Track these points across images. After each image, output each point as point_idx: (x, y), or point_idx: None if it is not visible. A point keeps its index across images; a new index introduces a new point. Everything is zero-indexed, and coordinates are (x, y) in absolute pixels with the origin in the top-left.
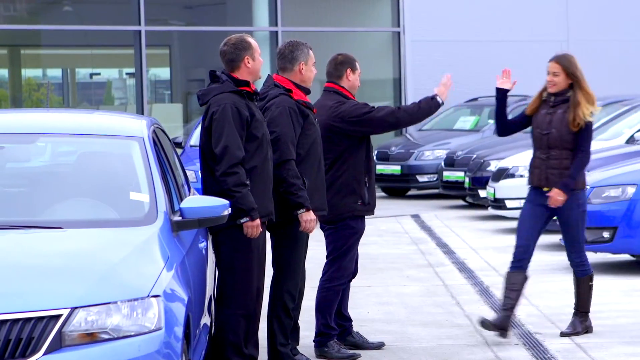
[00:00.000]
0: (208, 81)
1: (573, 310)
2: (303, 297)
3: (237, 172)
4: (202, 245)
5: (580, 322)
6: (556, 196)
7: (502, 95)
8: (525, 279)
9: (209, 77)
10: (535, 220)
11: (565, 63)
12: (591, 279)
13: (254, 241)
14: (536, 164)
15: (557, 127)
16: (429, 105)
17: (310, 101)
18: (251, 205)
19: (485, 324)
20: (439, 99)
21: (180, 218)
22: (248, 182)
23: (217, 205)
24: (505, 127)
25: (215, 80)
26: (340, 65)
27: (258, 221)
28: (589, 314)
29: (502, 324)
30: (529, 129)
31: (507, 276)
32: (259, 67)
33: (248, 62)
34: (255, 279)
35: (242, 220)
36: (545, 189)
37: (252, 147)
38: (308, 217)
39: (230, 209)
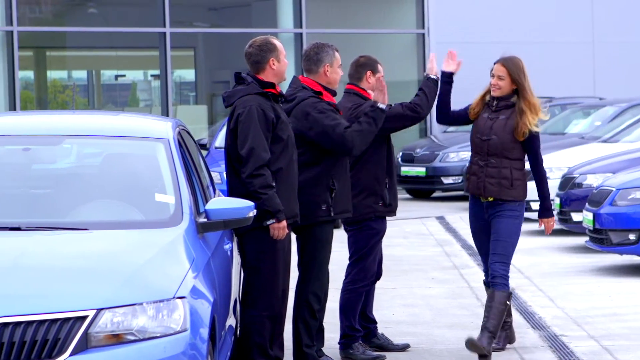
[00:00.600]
0: (233, 83)
1: (482, 325)
2: (328, 299)
3: (263, 174)
4: (227, 246)
5: (488, 340)
6: (547, 223)
7: (447, 78)
8: (510, 295)
9: (234, 79)
10: (485, 234)
11: (511, 67)
12: (509, 298)
13: (279, 243)
14: (473, 171)
15: (499, 134)
16: (431, 89)
17: (336, 103)
18: (277, 207)
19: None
20: (432, 76)
21: (205, 219)
22: (274, 184)
23: (242, 206)
24: (446, 115)
25: (240, 82)
26: (360, 67)
27: (284, 223)
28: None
29: (509, 340)
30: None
31: (489, 294)
32: (284, 69)
33: (273, 64)
34: (281, 280)
35: (268, 222)
36: (483, 200)
37: (278, 149)
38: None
39: (255, 210)
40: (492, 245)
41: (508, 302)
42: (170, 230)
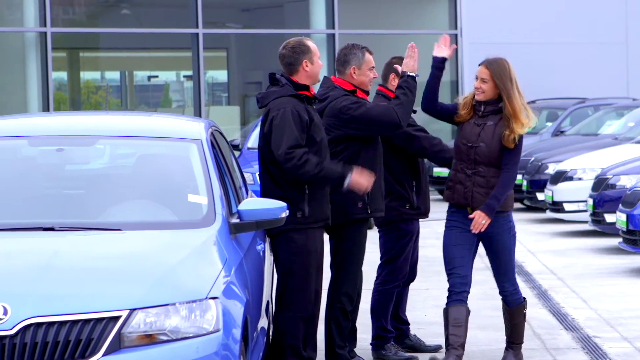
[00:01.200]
0: (267, 84)
1: (505, 344)
2: (360, 300)
3: (309, 158)
4: (259, 247)
5: (515, 355)
6: (480, 219)
7: (439, 64)
8: (468, 312)
9: (269, 80)
10: (466, 247)
11: (495, 69)
12: (524, 307)
13: (311, 245)
14: (459, 179)
15: (487, 141)
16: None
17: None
18: (338, 172)
19: None
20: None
21: (237, 220)
22: (320, 158)
23: (274, 207)
24: (432, 104)
25: (274, 83)
26: (386, 68)
27: (355, 175)
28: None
29: None
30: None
31: (448, 312)
32: (317, 71)
33: (306, 66)
34: (314, 282)
35: (345, 185)
36: (470, 211)
37: (311, 151)
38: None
39: (287, 211)
40: (494, 265)
41: (524, 311)
42: (202, 230)
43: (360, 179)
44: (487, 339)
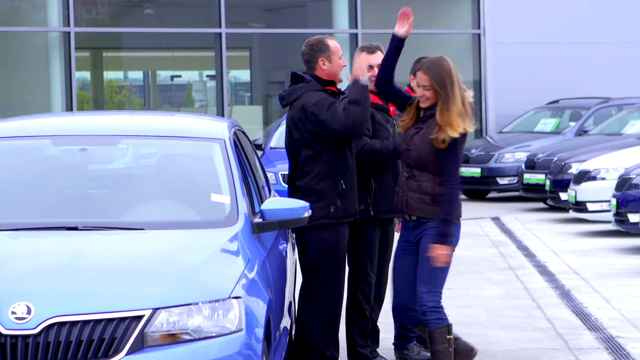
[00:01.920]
0: (289, 83)
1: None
2: (384, 300)
3: (348, 108)
4: (282, 247)
5: None
6: (437, 252)
7: (398, 42)
8: (450, 326)
9: (291, 79)
10: (409, 266)
11: (434, 74)
12: (448, 332)
13: (340, 242)
14: (400, 183)
15: (417, 144)
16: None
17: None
18: (358, 87)
19: None
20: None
21: (260, 220)
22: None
23: (297, 207)
24: (388, 83)
25: (298, 81)
26: (412, 67)
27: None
28: None
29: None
30: (598, 130)
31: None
32: (336, 70)
33: (323, 64)
34: (339, 280)
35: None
36: (408, 220)
37: (348, 145)
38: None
39: (310, 210)
40: (418, 271)
41: (449, 336)
42: (225, 230)
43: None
44: (509, 339)
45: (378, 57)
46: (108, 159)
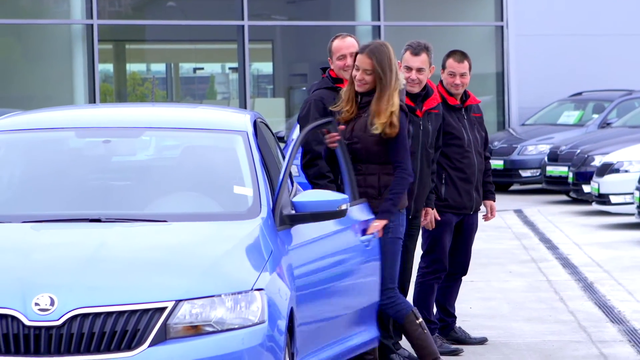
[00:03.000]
0: (311, 75)
1: None
2: (408, 292)
3: (317, 164)
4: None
5: None
6: (376, 227)
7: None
8: (412, 313)
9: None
10: None
11: (378, 59)
12: (415, 316)
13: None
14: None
15: (360, 136)
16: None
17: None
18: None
19: None
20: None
21: (293, 212)
22: (330, 175)
23: (332, 199)
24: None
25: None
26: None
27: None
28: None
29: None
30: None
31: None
32: (337, 69)
33: (331, 63)
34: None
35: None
36: None
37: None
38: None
39: (348, 203)
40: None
41: (418, 320)
42: (248, 222)
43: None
44: (533, 332)
45: (419, 61)
46: (131, 151)
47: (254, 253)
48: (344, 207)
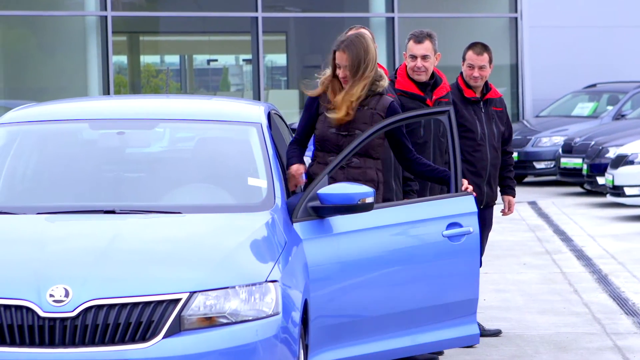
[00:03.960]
0: (325, 67)
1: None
2: None
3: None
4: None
5: None
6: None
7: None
8: None
9: None
10: None
11: (352, 53)
12: None
13: None
14: (334, 173)
15: (363, 129)
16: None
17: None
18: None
19: None
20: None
21: (317, 203)
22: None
23: (356, 192)
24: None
25: None
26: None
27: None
28: None
29: None
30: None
31: None
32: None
33: None
34: None
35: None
36: None
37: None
38: None
39: (373, 197)
40: None
41: None
42: (262, 214)
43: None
44: (547, 324)
45: (423, 48)
46: (145, 143)
47: (268, 245)
48: (368, 200)
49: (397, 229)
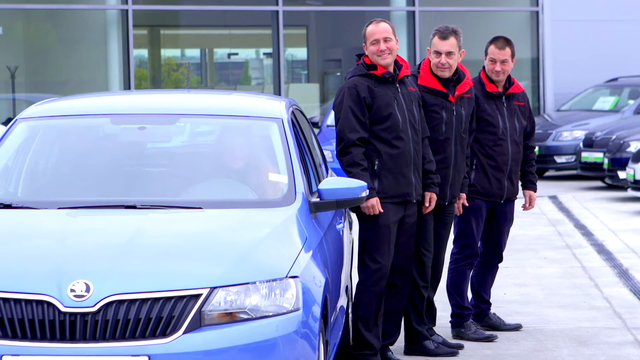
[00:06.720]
0: (345, 61)
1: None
2: (441, 278)
3: (351, 152)
4: (339, 226)
5: None
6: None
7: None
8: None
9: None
10: None
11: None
12: None
13: (381, 220)
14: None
15: None
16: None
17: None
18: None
19: None
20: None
21: (318, 199)
22: (364, 163)
23: (355, 186)
24: None
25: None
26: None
27: (372, 201)
28: None
29: None
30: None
31: None
32: (370, 55)
33: (365, 49)
34: (386, 257)
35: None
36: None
37: (381, 128)
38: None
39: (368, 190)
40: None
41: None
42: (283, 209)
43: (367, 208)
44: (567, 318)
45: (448, 45)
46: (166, 138)
47: (289, 240)
48: (364, 194)
49: (333, 225)
